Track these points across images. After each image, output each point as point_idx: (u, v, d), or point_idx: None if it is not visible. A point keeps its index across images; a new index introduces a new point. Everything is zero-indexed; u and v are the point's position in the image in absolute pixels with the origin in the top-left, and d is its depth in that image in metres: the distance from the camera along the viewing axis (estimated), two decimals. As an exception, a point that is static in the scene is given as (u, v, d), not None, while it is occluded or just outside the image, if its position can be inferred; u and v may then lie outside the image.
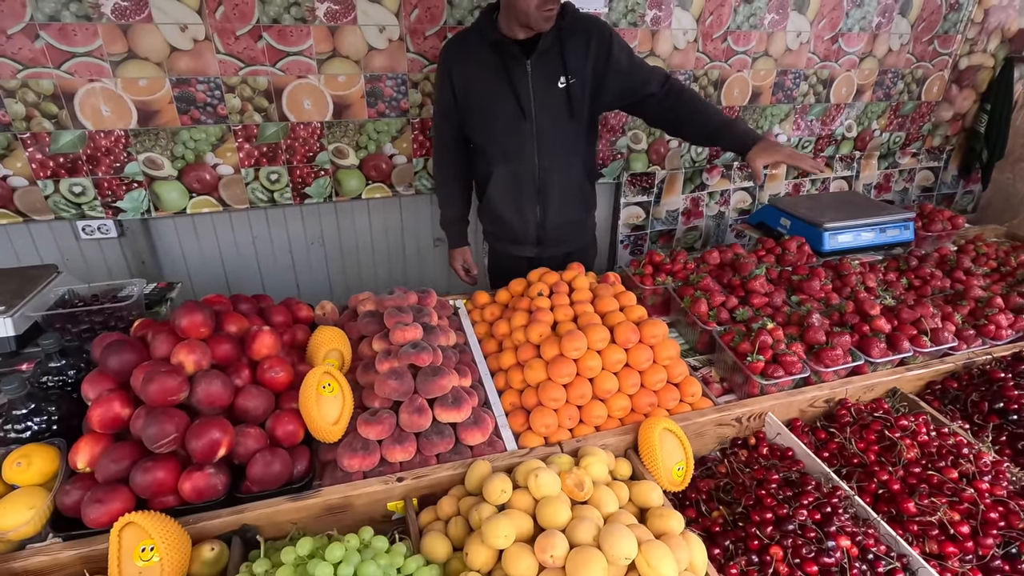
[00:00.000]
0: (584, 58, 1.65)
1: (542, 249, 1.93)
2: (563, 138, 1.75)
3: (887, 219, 1.94)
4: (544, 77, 1.65)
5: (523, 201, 1.83)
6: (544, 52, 1.62)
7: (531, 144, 1.73)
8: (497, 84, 1.66)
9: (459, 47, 1.72)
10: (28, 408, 1.06)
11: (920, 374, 1.44)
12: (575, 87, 1.67)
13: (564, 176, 1.81)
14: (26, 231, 2.10)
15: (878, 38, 2.74)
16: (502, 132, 1.73)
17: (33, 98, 1.83)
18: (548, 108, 1.68)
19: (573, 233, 1.96)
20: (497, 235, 1.99)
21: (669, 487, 1.12)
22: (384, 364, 1.20)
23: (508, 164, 1.78)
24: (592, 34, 1.64)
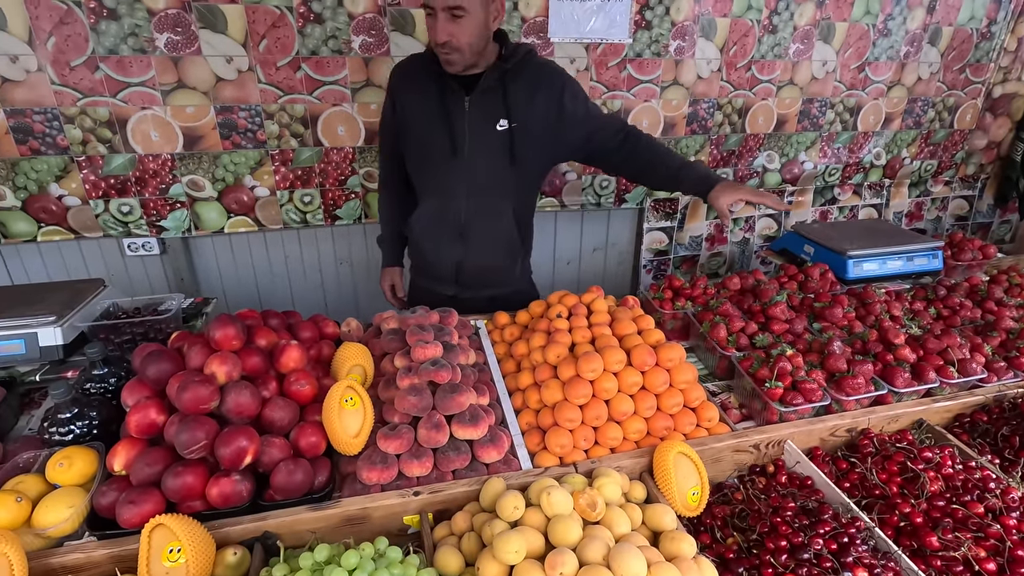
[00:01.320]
0: (529, 104, 1.59)
1: (461, 289, 1.84)
2: (498, 182, 1.67)
3: (914, 247, 1.91)
4: (483, 117, 1.58)
5: (444, 239, 1.74)
6: (485, 91, 1.55)
7: (461, 183, 1.66)
8: (434, 117, 1.60)
9: (407, 71, 1.67)
10: (72, 412, 1.12)
11: (948, 406, 1.40)
12: (517, 132, 1.60)
13: (491, 221, 1.72)
14: (76, 247, 2.24)
15: (906, 67, 2.73)
16: (433, 166, 1.67)
17: (90, 124, 1.97)
18: (486, 149, 1.62)
19: (496, 278, 1.84)
20: (418, 268, 1.90)
21: (684, 512, 1.11)
22: (404, 380, 1.24)
23: (435, 199, 1.71)
24: (542, 82, 1.60)
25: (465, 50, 1.46)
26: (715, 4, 2.35)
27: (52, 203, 2.05)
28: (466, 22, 1.41)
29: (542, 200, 2.55)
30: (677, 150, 2.62)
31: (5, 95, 1.86)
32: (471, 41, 1.45)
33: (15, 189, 2.00)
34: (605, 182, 2.60)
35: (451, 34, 1.42)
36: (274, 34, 2.00)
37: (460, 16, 1.40)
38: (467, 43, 1.45)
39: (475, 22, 1.43)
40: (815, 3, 2.45)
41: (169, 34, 1.91)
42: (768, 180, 2.85)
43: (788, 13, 2.44)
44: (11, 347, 1.33)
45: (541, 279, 2.86)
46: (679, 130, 2.57)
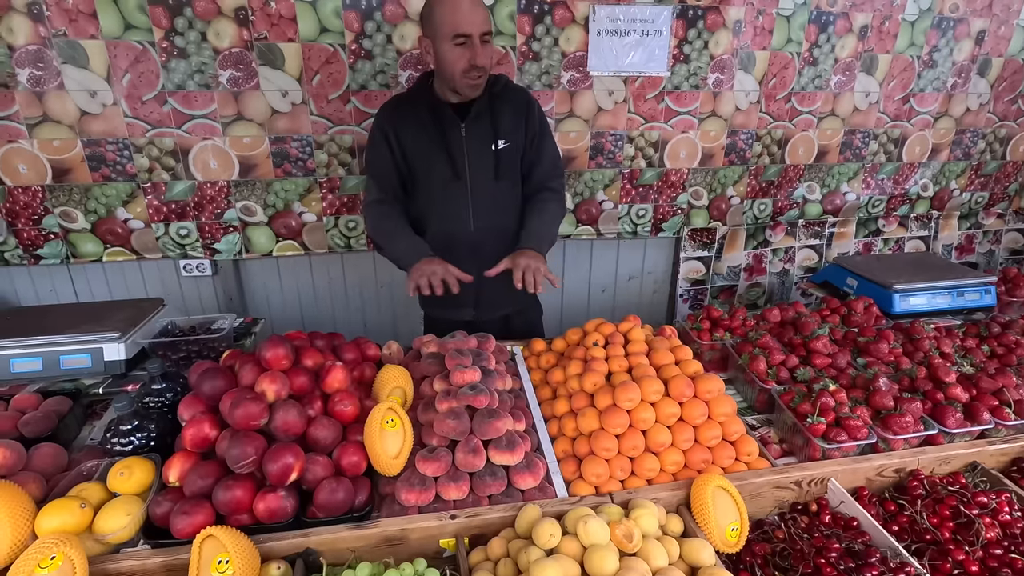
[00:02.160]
0: (513, 126, 1.74)
1: (480, 312, 1.90)
2: (497, 200, 1.79)
3: (965, 282, 1.85)
4: (478, 140, 1.71)
5: (457, 262, 1.73)
6: (477, 116, 1.69)
7: (466, 205, 1.76)
8: (434, 146, 1.71)
9: (397, 111, 1.75)
10: (132, 424, 1.19)
11: (1004, 449, 1.34)
12: (508, 151, 1.74)
13: (500, 237, 1.79)
14: (137, 267, 2.37)
15: (954, 98, 2.69)
16: (438, 193, 1.76)
17: (156, 153, 2.11)
18: (481, 170, 1.74)
19: (511, 295, 1.80)
20: (434, 300, 1.79)
21: (722, 548, 1.09)
22: (443, 404, 1.27)
23: (443, 224, 1.79)
24: (520, 106, 1.75)
25: (488, 72, 1.61)
26: (754, 38, 2.37)
27: (118, 226, 2.19)
28: (490, 47, 1.59)
29: (578, 228, 2.59)
30: (715, 180, 2.62)
31: (83, 127, 2.02)
32: (491, 64, 1.62)
33: (86, 213, 2.15)
34: (641, 211, 2.62)
35: (486, 61, 1.57)
36: (327, 69, 2.12)
37: (488, 42, 1.57)
38: (491, 66, 1.61)
39: (493, 47, 1.63)
40: (857, 36, 2.45)
41: (232, 70, 2.05)
42: (809, 211, 2.81)
43: (829, 46, 2.45)
44: (79, 361, 1.42)
45: (576, 306, 2.88)
46: (717, 160, 2.58)
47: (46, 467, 1.16)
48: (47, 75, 1.93)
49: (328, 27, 2.06)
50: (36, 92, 1.95)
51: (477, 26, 1.51)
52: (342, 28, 2.06)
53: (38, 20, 1.87)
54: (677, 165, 2.54)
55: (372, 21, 2.07)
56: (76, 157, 2.06)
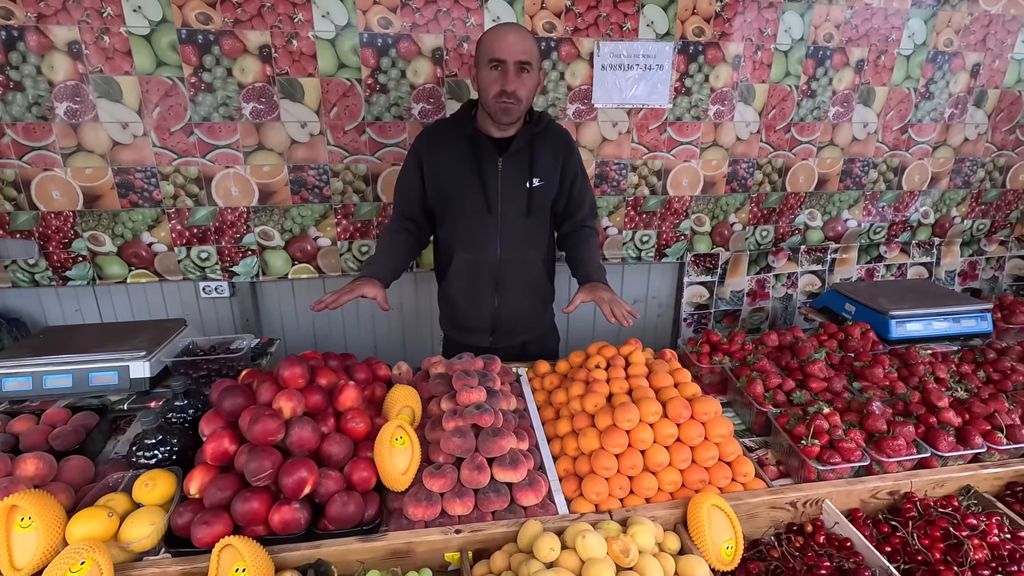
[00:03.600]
0: (550, 165, 1.77)
1: (497, 339, 1.93)
2: (526, 233, 1.82)
3: (961, 309, 1.89)
4: (514, 176, 1.74)
5: (480, 290, 1.85)
6: (516, 152, 1.72)
7: (494, 237, 1.79)
8: (468, 176, 1.73)
9: (435, 136, 1.79)
10: (156, 439, 1.26)
11: (998, 473, 1.37)
12: (542, 188, 1.77)
13: (523, 269, 1.86)
14: (159, 289, 2.47)
15: (951, 128, 2.75)
16: (468, 222, 1.79)
17: (181, 180, 2.22)
18: (513, 205, 1.76)
19: (528, 324, 1.96)
20: (453, 322, 1.98)
21: (717, 565, 1.13)
22: (450, 422, 1.33)
23: (470, 253, 1.82)
24: (561, 146, 1.79)
25: (523, 102, 1.64)
26: (753, 71, 2.46)
27: (143, 249, 2.30)
28: (528, 79, 1.62)
29: (584, 253, 2.65)
30: (717, 207, 2.69)
31: (114, 156, 2.14)
32: (529, 95, 1.65)
33: (113, 237, 2.26)
34: (645, 237, 2.69)
35: (518, 86, 1.61)
36: (344, 102, 2.23)
37: (526, 71, 1.60)
38: (526, 96, 1.64)
39: (533, 80, 1.64)
40: (853, 69, 2.53)
41: (254, 103, 2.17)
42: (811, 237, 2.87)
43: (827, 79, 2.53)
44: (106, 378, 1.50)
45: (581, 330, 2.94)
46: (719, 188, 2.65)
47: (75, 478, 1.23)
48: (83, 108, 2.06)
49: (346, 63, 2.18)
50: (72, 124, 2.08)
51: (513, 54, 1.56)
52: (359, 64, 2.18)
53: (77, 58, 2.00)
54: (680, 193, 2.62)
55: (387, 57, 2.19)
56: (106, 184, 2.17)
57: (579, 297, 1.69)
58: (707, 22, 2.34)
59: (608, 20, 2.28)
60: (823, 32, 2.45)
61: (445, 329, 2.06)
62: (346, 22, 2.12)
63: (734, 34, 2.37)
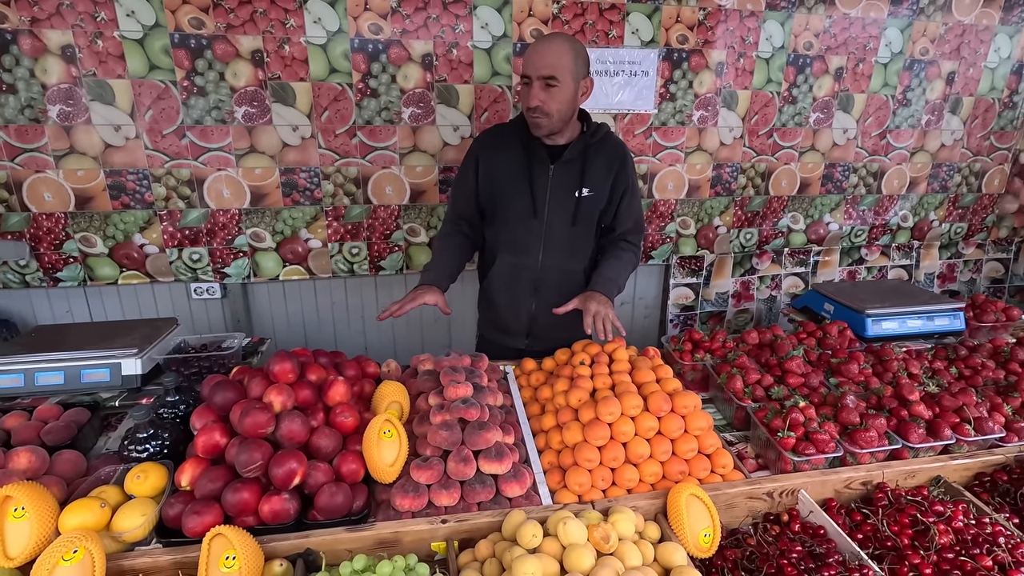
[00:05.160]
0: (602, 177, 1.78)
1: (532, 342, 1.96)
2: (570, 241, 1.84)
3: (935, 308, 1.95)
4: (563, 184, 1.76)
5: (519, 293, 1.89)
6: (568, 161, 1.75)
7: (538, 242, 1.82)
8: (519, 181, 1.77)
9: (493, 138, 1.84)
10: (148, 433, 1.28)
11: (966, 464, 1.42)
12: (590, 199, 1.79)
13: (564, 278, 1.87)
14: (150, 290, 2.49)
15: (928, 134, 2.83)
16: (514, 226, 1.82)
17: (173, 183, 2.25)
18: (560, 213, 1.79)
19: (564, 330, 1.90)
20: (490, 323, 2.02)
21: (695, 552, 1.17)
22: (437, 416, 1.36)
23: (513, 256, 1.86)
24: (615, 158, 1.80)
25: (554, 115, 1.65)
26: (736, 78, 2.53)
27: (134, 251, 2.32)
28: (557, 92, 1.62)
29: (572, 255, 2.70)
30: (702, 211, 2.75)
31: (107, 158, 2.16)
32: (560, 108, 1.65)
33: (105, 238, 2.28)
34: (632, 239, 2.74)
35: (542, 101, 1.62)
36: (335, 107, 2.27)
37: (553, 86, 1.61)
38: (556, 109, 1.64)
39: (565, 94, 1.64)
40: (833, 76, 2.61)
41: (247, 107, 2.20)
42: (793, 240, 2.93)
43: (807, 86, 2.60)
44: (98, 375, 1.52)
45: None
46: (703, 192, 2.71)
47: (67, 472, 1.25)
48: (76, 111, 2.08)
49: (337, 68, 2.21)
50: (64, 126, 2.10)
51: (537, 69, 1.59)
52: (350, 69, 2.22)
53: (70, 61, 2.03)
54: (665, 196, 2.68)
55: (378, 63, 2.23)
56: (98, 186, 2.19)
57: (572, 303, 1.73)
58: (691, 30, 2.40)
59: (594, 27, 2.34)
60: (803, 40, 2.52)
61: (482, 330, 2.10)
62: (337, 28, 2.16)
63: (717, 42, 2.43)
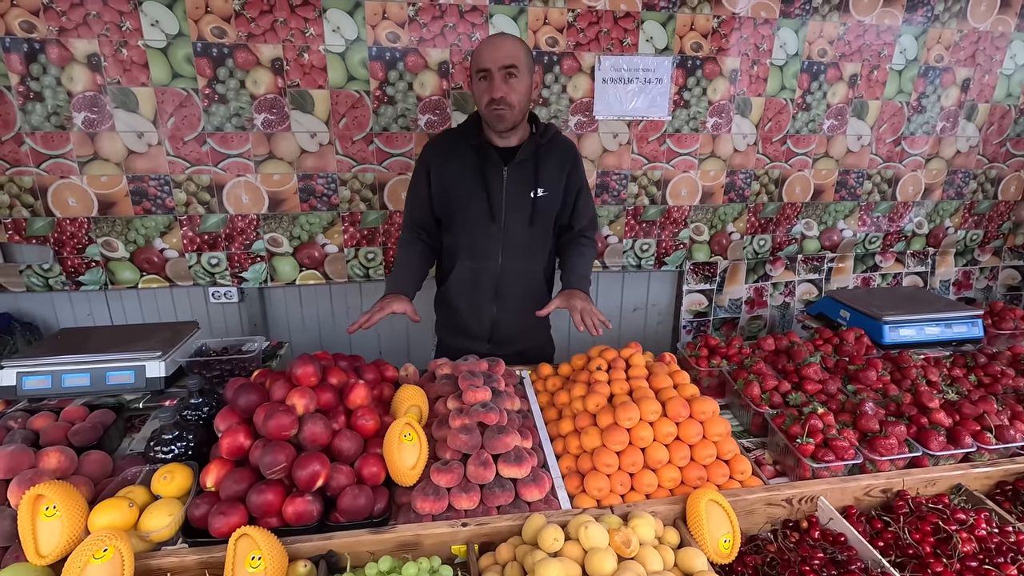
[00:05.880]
0: (555, 176, 1.81)
1: (494, 346, 1.96)
2: (529, 243, 1.85)
3: (952, 315, 1.94)
4: (518, 185, 1.77)
5: (480, 297, 1.89)
6: (521, 162, 1.75)
7: (497, 245, 1.82)
8: (473, 186, 1.76)
9: (443, 145, 1.83)
10: (173, 434, 1.30)
11: (988, 472, 1.41)
12: (545, 199, 1.80)
13: (524, 279, 1.89)
14: (169, 294, 2.53)
15: (943, 141, 2.82)
16: (472, 229, 1.81)
17: (194, 188, 2.29)
18: (517, 214, 1.79)
19: (526, 333, 1.99)
20: (450, 328, 2.02)
21: (715, 558, 1.17)
22: (457, 420, 1.37)
23: (473, 260, 1.86)
24: (566, 157, 1.83)
25: (515, 107, 1.66)
26: (750, 85, 2.54)
27: (155, 255, 2.36)
28: (517, 83, 1.64)
29: (585, 261, 2.71)
30: (715, 217, 2.76)
31: (129, 164, 2.21)
32: (520, 100, 1.67)
33: (126, 243, 2.32)
34: (645, 245, 2.75)
35: (505, 92, 1.64)
36: (353, 114, 2.30)
37: (514, 75, 1.63)
38: (517, 101, 1.66)
39: (524, 84, 1.67)
40: (847, 83, 2.61)
41: (266, 114, 2.23)
42: (807, 247, 2.93)
43: (821, 92, 2.61)
44: (123, 377, 1.55)
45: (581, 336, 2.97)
46: (717, 198, 2.71)
47: (95, 472, 1.27)
48: (100, 118, 2.13)
49: (355, 76, 2.25)
50: (89, 133, 2.14)
51: (496, 61, 1.60)
52: (367, 77, 2.26)
53: (96, 70, 2.07)
54: (679, 202, 2.68)
55: (395, 70, 2.27)
56: (121, 192, 2.23)
57: (554, 303, 1.75)
58: (704, 38, 2.42)
59: (609, 35, 2.36)
60: (817, 48, 2.52)
61: (442, 335, 2.09)
62: (356, 36, 2.19)
63: (731, 49, 2.45)
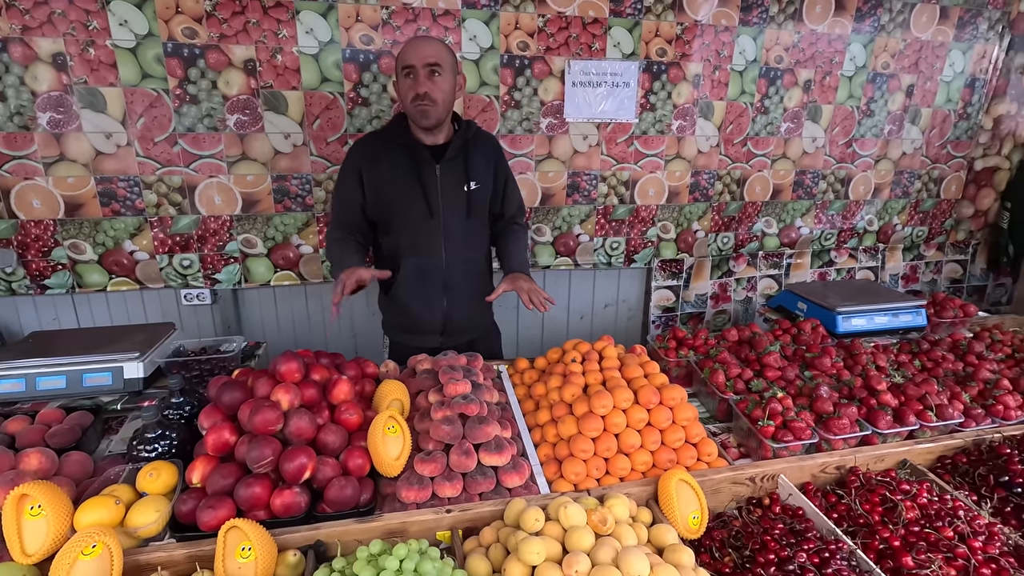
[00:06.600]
0: (484, 169, 1.90)
1: (446, 339, 2.00)
2: (468, 234, 1.92)
3: (899, 305, 2.09)
4: (451, 181, 1.84)
5: (430, 293, 1.94)
6: (451, 159, 1.82)
7: (439, 240, 1.87)
8: (409, 185, 1.81)
9: (371, 147, 1.85)
10: (156, 433, 1.31)
11: (930, 447, 1.53)
12: (478, 192, 1.89)
13: (468, 269, 1.96)
14: (139, 296, 2.49)
15: (891, 143, 3.00)
16: (413, 228, 1.86)
17: (164, 190, 2.27)
18: (453, 208, 1.86)
19: (475, 322, 2.08)
20: (402, 327, 2.05)
21: (685, 533, 1.25)
22: (439, 412, 1.42)
23: (416, 258, 1.90)
24: (491, 151, 1.93)
25: (439, 103, 1.71)
26: (712, 89, 2.65)
27: (124, 257, 2.32)
28: (441, 80, 1.70)
29: (557, 259, 2.79)
30: (681, 216, 2.87)
31: (97, 165, 2.17)
32: (444, 97, 1.73)
33: (95, 245, 2.28)
34: (615, 244, 2.84)
35: (430, 88, 1.70)
36: (327, 115, 2.32)
37: (438, 73, 1.69)
38: (441, 98, 1.71)
39: (447, 83, 1.73)
40: (802, 88, 2.75)
41: (239, 115, 2.23)
42: (767, 244, 3.07)
43: (778, 97, 2.74)
44: (100, 378, 1.54)
45: (556, 332, 3.06)
46: (683, 198, 2.82)
47: (76, 472, 1.27)
48: (66, 118, 2.09)
49: (329, 77, 2.27)
50: (55, 134, 2.10)
51: (421, 58, 1.66)
52: (341, 78, 2.28)
53: (61, 69, 2.04)
54: (646, 202, 2.79)
55: (369, 72, 2.29)
56: (88, 193, 2.20)
57: (501, 286, 1.83)
58: (669, 43, 2.52)
59: (578, 40, 2.44)
60: (774, 54, 2.66)
61: (392, 334, 2.12)
62: (329, 38, 2.21)
63: (694, 55, 2.56)
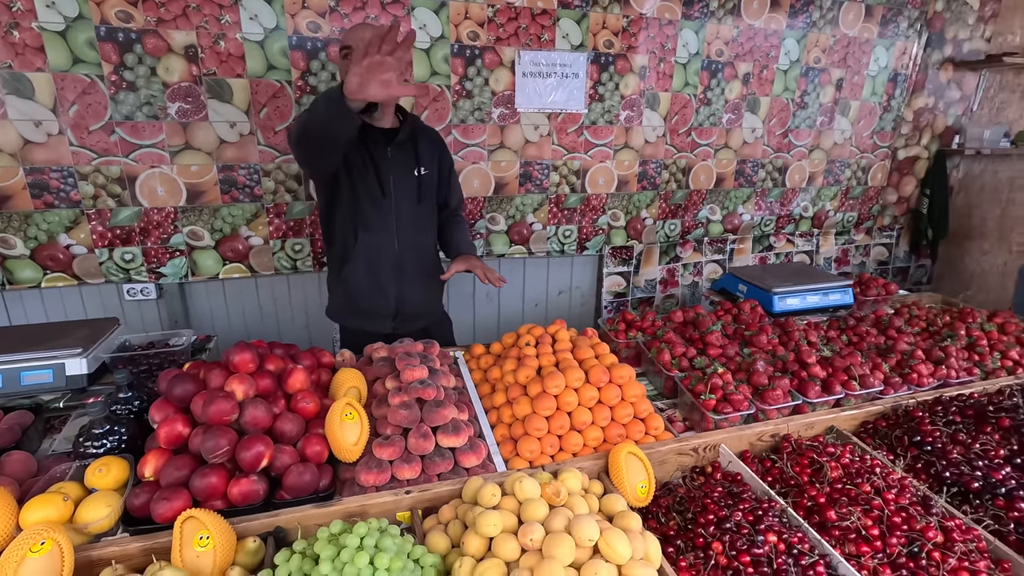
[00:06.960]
0: (430, 157, 1.96)
1: (399, 324, 2.03)
2: (418, 220, 1.97)
3: (828, 285, 2.24)
4: (402, 164, 1.89)
5: (383, 274, 1.96)
6: (402, 143, 1.88)
7: (391, 220, 1.91)
8: (362, 161, 1.84)
9: None
10: (104, 429, 1.28)
11: (854, 414, 1.67)
12: (427, 177, 1.95)
13: (420, 253, 2.01)
14: (77, 292, 2.38)
15: (823, 134, 3.18)
16: (364, 205, 1.88)
17: (102, 180, 2.17)
18: (405, 191, 1.91)
19: (428, 307, 2.12)
20: (354, 311, 2.04)
21: (634, 502, 1.32)
22: (396, 398, 1.44)
23: (370, 235, 1.91)
24: (435, 142, 2.01)
25: None
26: (657, 81, 2.75)
27: (60, 252, 2.22)
28: None
29: (512, 248, 2.83)
30: (630, 204, 2.96)
31: (26, 155, 2.06)
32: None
33: (26, 239, 2.17)
34: (567, 232, 2.91)
35: None
36: (274, 103, 2.27)
37: None
38: None
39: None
40: (741, 81, 2.88)
41: (181, 103, 2.16)
42: (712, 230, 3.21)
43: (719, 89, 2.86)
44: (40, 376, 1.48)
45: (511, 319, 3.12)
46: (631, 186, 2.92)
47: (18, 472, 1.23)
48: (-10, 105, 1.98)
49: (275, 65, 2.22)
50: (-23, 121, 1.99)
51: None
52: (288, 66, 2.24)
53: (-18, 53, 1.93)
54: (597, 191, 2.86)
55: (317, 60, 2.26)
56: (17, 184, 2.09)
57: (455, 266, 1.91)
58: (616, 36, 2.59)
59: (527, 31, 2.48)
60: (715, 48, 2.77)
61: (341, 320, 2.09)
62: (274, 25, 2.17)
63: (639, 47, 2.64)
